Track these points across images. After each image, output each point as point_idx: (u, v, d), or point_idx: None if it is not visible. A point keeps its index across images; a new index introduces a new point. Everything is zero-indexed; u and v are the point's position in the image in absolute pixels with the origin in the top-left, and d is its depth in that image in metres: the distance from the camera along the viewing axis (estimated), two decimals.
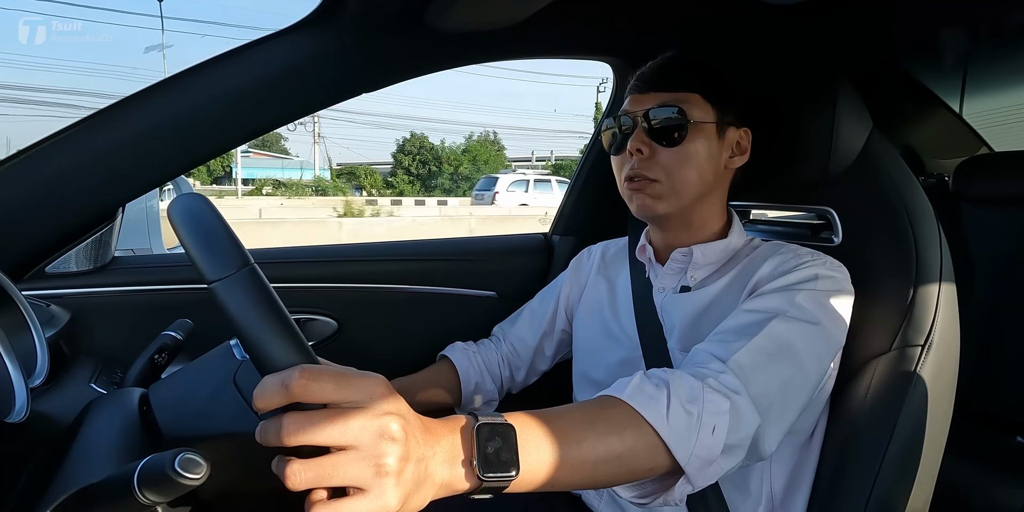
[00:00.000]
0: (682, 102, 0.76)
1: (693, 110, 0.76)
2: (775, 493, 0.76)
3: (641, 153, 0.76)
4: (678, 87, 0.77)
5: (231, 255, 0.42)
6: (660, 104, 0.76)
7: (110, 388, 0.73)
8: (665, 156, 0.76)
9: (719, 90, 0.78)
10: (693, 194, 0.78)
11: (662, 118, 0.76)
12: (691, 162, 0.76)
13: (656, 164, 0.76)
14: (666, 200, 0.77)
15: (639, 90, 0.79)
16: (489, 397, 1.00)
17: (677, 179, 0.76)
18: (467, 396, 0.97)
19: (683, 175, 0.76)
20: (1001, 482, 1.14)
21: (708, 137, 0.77)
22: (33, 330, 0.67)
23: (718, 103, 0.77)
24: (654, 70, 0.79)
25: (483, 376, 0.99)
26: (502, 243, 1.31)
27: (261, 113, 0.85)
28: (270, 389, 0.38)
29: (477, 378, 0.98)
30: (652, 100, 0.77)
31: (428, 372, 0.98)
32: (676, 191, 0.77)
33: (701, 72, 0.78)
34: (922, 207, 0.78)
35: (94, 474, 0.45)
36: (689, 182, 0.77)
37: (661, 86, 0.78)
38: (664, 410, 0.55)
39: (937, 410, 0.75)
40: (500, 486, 0.45)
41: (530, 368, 1.03)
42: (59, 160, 0.80)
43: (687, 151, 0.76)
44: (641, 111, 0.77)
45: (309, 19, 0.84)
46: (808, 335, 0.66)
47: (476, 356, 1.00)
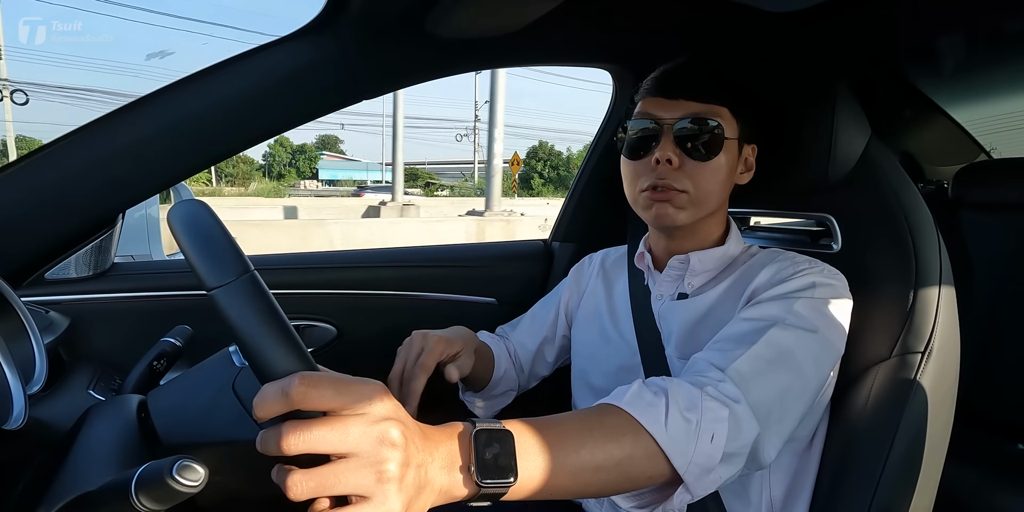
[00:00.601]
0: (717, 116, 0.74)
1: (726, 124, 0.75)
2: (775, 501, 0.76)
3: (670, 163, 0.74)
4: (710, 99, 0.75)
5: (231, 262, 0.42)
6: (695, 115, 0.74)
7: (108, 395, 0.73)
8: (694, 168, 0.75)
9: (745, 105, 0.78)
10: (712, 207, 0.78)
11: (698, 130, 0.74)
12: (718, 176, 0.75)
13: (684, 175, 0.74)
14: (687, 211, 0.76)
15: (665, 95, 0.76)
16: (509, 386, 0.98)
17: (703, 192, 0.75)
18: (495, 380, 0.95)
19: (710, 189, 0.75)
20: (1002, 489, 1.13)
21: (732, 152, 0.76)
22: (32, 336, 0.67)
23: (742, 119, 0.77)
24: (680, 75, 0.77)
25: (510, 365, 0.98)
26: (502, 249, 1.31)
27: (262, 119, 0.86)
28: (270, 397, 0.38)
29: (506, 366, 0.97)
30: (683, 109, 0.75)
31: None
32: (698, 204, 0.76)
33: (729, 85, 0.77)
34: (921, 214, 0.78)
35: (92, 481, 0.45)
36: (713, 196, 0.76)
37: (691, 95, 0.75)
38: (662, 418, 0.54)
39: (938, 417, 0.75)
40: (498, 493, 0.45)
41: (531, 373, 1.02)
42: (59, 166, 0.80)
43: (717, 165, 0.75)
44: (671, 119, 0.75)
45: (310, 26, 0.84)
46: (807, 342, 0.66)
47: (501, 343, 0.99)
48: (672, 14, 0.97)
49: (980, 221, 1.34)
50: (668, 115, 0.75)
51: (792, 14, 0.90)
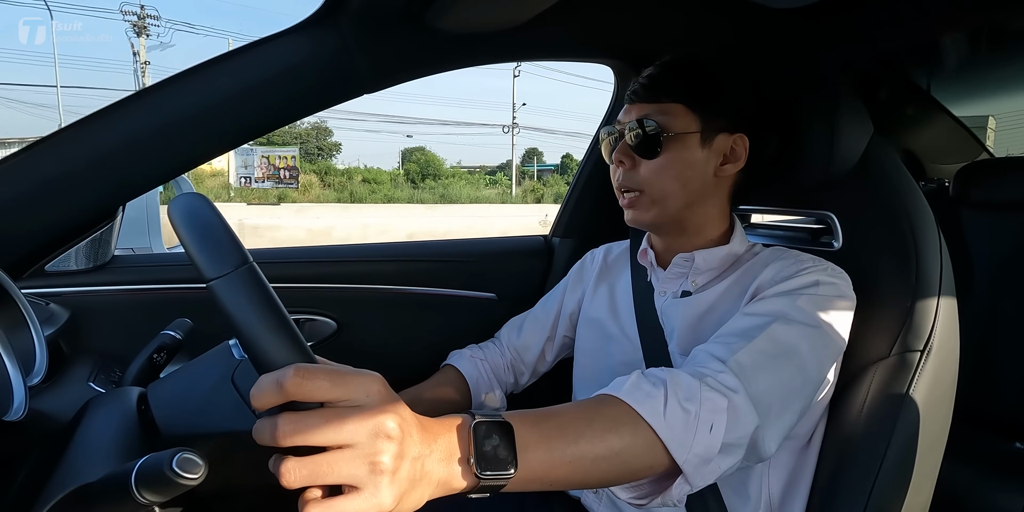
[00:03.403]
0: (662, 113, 0.76)
1: (672, 121, 0.76)
2: (773, 498, 0.76)
3: (624, 164, 0.78)
4: (661, 98, 0.77)
5: (230, 253, 0.42)
6: (641, 116, 0.77)
7: (108, 387, 0.73)
8: (645, 168, 0.78)
9: (705, 98, 0.77)
10: (678, 204, 0.78)
11: (640, 131, 0.77)
12: (669, 173, 0.77)
13: (637, 175, 0.78)
14: (650, 210, 0.79)
15: (629, 100, 0.81)
16: (497, 404, 0.99)
17: (657, 190, 0.77)
18: (476, 405, 0.97)
19: (663, 186, 0.77)
20: (1000, 487, 1.14)
21: (689, 147, 0.76)
22: (32, 328, 0.67)
23: (703, 111, 0.77)
24: (644, 79, 0.80)
25: (492, 385, 0.98)
26: (502, 245, 1.31)
27: (261, 113, 0.85)
28: (266, 388, 0.38)
29: (487, 388, 0.98)
30: (637, 112, 0.78)
31: (435, 381, 0.96)
32: (657, 202, 0.78)
33: (688, 80, 0.78)
34: (922, 212, 0.78)
35: (92, 473, 0.45)
36: (670, 193, 0.77)
37: (647, 97, 0.78)
38: (661, 408, 0.55)
39: (936, 415, 0.75)
40: (498, 484, 0.45)
41: (532, 372, 1.04)
42: (60, 159, 0.80)
43: (664, 163, 0.76)
44: (627, 122, 0.78)
45: (310, 20, 0.84)
46: (809, 338, 0.66)
47: (484, 364, 1.00)
48: (673, 9, 0.97)
49: (981, 220, 1.34)
50: (625, 119, 0.79)
51: (796, 10, 0.90)
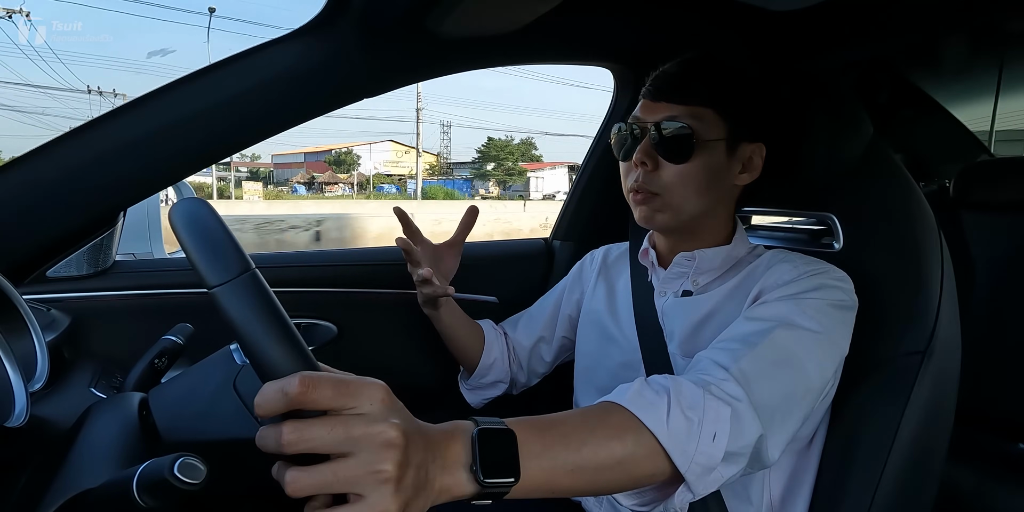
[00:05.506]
0: (692, 117, 0.73)
1: (703, 127, 0.73)
2: (774, 501, 0.76)
3: (646, 166, 0.75)
4: (691, 100, 0.74)
5: (232, 260, 0.41)
6: (670, 117, 0.74)
7: (110, 392, 0.73)
8: (669, 171, 0.75)
9: (734, 104, 0.75)
10: (694, 210, 0.77)
11: (669, 133, 0.74)
12: (694, 180, 0.75)
13: (659, 178, 0.75)
14: (665, 214, 0.77)
15: (652, 97, 0.77)
16: (498, 377, 1.03)
17: (678, 195, 0.75)
18: (483, 367, 1.01)
19: (684, 192, 0.75)
20: (1002, 488, 1.14)
21: (716, 154, 0.75)
22: (33, 334, 0.67)
23: (731, 119, 0.75)
24: (669, 77, 0.77)
25: (503, 356, 1.03)
26: (503, 248, 1.31)
27: (263, 117, 0.86)
28: (270, 396, 0.38)
29: (497, 355, 1.02)
30: (663, 111, 0.75)
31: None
32: (675, 207, 0.76)
33: (717, 84, 0.75)
34: (923, 213, 0.78)
35: (93, 478, 0.45)
36: (690, 199, 0.76)
37: (674, 97, 0.75)
38: (664, 416, 0.54)
39: (938, 416, 0.75)
40: (500, 491, 0.45)
41: (529, 370, 1.04)
42: (61, 164, 0.80)
43: (691, 169, 0.74)
44: (651, 121, 0.75)
45: (311, 24, 0.84)
46: (812, 344, 0.65)
47: (501, 338, 1.04)
48: (673, 12, 0.97)
49: (981, 220, 1.34)
50: (649, 118, 0.76)
51: (796, 13, 0.89)
